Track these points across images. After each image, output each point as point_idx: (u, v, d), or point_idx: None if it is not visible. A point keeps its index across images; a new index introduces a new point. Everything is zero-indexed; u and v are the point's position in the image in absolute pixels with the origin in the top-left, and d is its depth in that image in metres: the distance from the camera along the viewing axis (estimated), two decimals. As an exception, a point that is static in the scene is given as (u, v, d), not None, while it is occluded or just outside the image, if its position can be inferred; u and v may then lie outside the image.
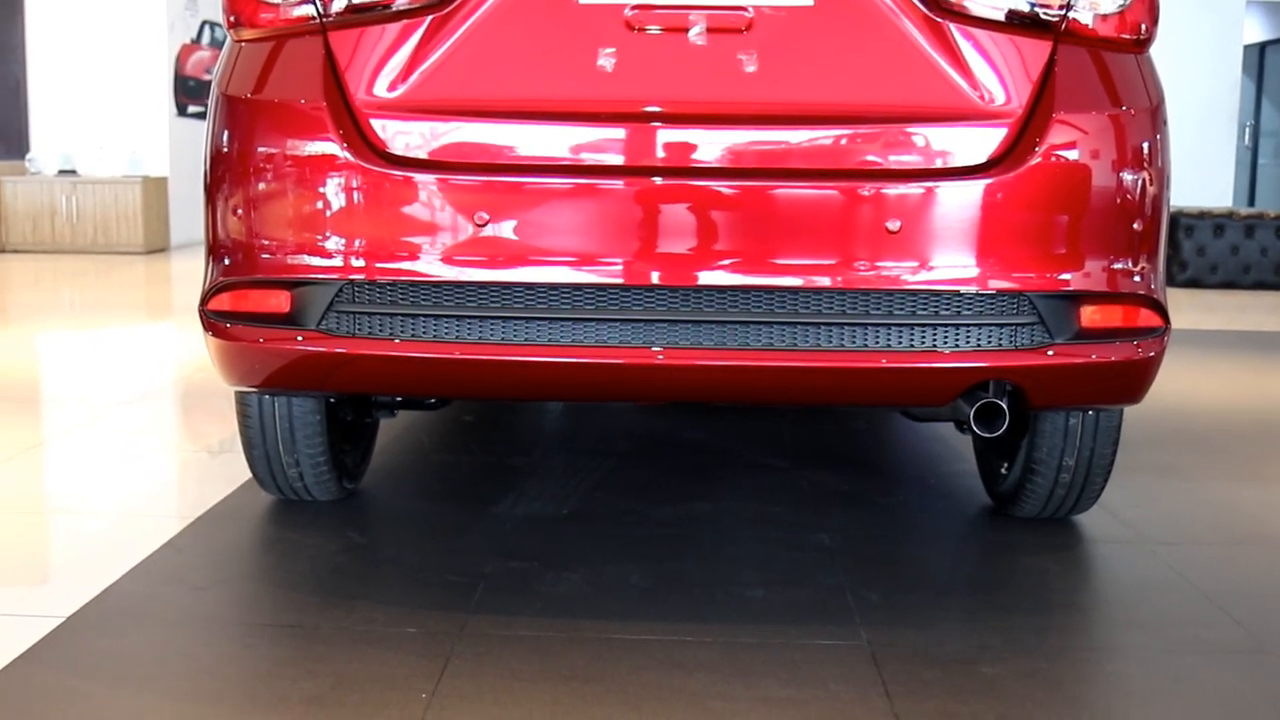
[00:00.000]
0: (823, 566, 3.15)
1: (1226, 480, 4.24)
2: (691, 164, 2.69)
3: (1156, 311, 2.80)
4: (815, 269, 2.64)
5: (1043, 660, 2.61)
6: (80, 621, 2.70)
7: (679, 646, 2.62)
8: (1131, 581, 3.21)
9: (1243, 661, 2.65)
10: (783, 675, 2.50)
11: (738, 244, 2.65)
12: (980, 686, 2.46)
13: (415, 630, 2.66)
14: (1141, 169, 2.77)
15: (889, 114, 2.73)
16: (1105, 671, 2.63)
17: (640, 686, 2.42)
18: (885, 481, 4.03)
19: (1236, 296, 10.08)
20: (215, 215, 2.79)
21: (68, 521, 3.54)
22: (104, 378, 5.82)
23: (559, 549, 3.22)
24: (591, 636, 2.65)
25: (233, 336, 2.77)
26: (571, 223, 2.66)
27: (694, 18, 2.68)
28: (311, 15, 2.72)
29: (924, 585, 3.10)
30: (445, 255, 2.64)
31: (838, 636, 2.69)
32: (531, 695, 2.37)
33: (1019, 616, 2.87)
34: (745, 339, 2.65)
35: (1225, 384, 6.33)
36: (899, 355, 2.65)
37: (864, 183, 2.66)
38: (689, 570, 3.11)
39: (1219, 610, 2.93)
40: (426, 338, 2.64)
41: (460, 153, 2.71)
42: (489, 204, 2.63)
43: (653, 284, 2.63)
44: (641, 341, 2.65)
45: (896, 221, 2.62)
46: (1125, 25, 2.78)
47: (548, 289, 2.65)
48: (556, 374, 2.71)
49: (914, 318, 2.66)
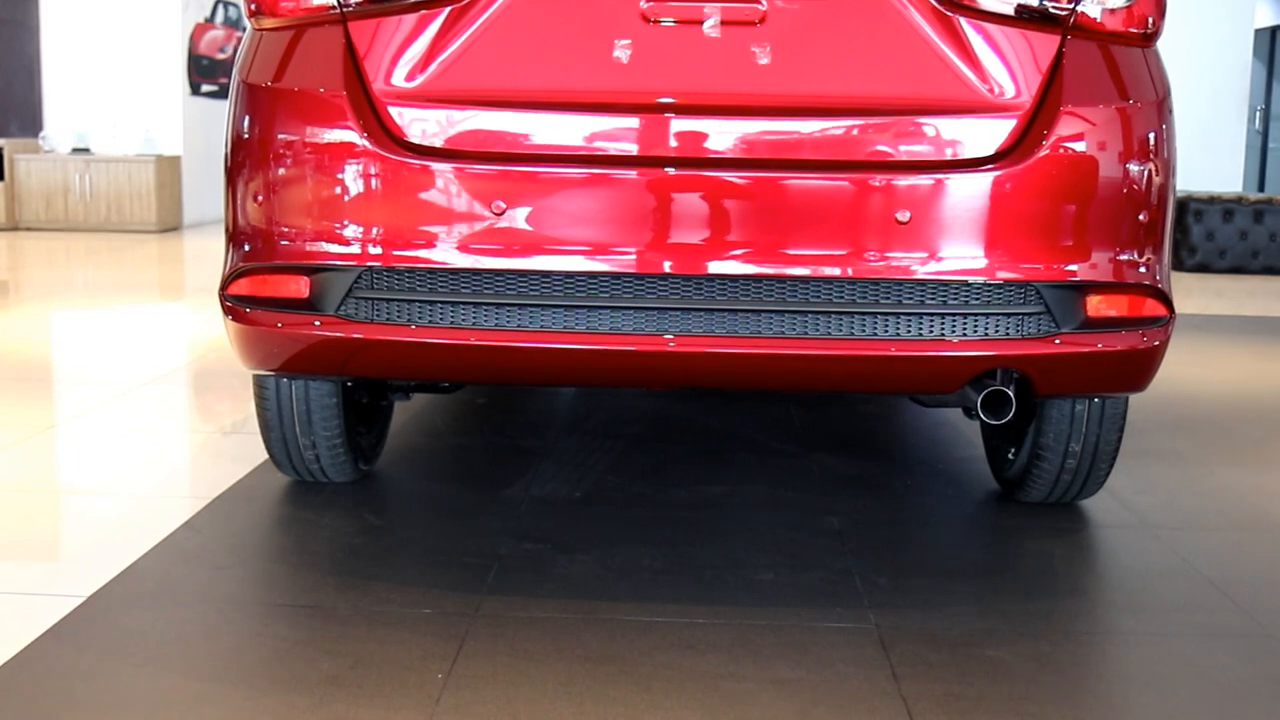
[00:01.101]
0: (832, 550, 3.18)
1: (1232, 466, 4.26)
2: (705, 155, 2.72)
3: (1161, 301, 2.82)
4: (825, 259, 2.66)
5: (1047, 644, 2.64)
6: (101, 601, 2.73)
7: (690, 628, 2.65)
8: (1136, 566, 3.24)
9: (1245, 646, 2.68)
10: (792, 657, 2.53)
11: (749, 234, 2.67)
12: (986, 669, 2.49)
13: (431, 611, 2.70)
14: (1148, 161, 2.79)
15: (898, 106, 2.75)
16: (1109, 655, 2.66)
17: (652, 667, 2.45)
18: (894, 466, 4.06)
19: (1245, 281, 10.09)
20: (235, 201, 2.81)
21: (85, 502, 3.58)
22: (118, 358, 5.86)
23: (572, 531, 3.26)
24: (605, 618, 2.69)
25: (252, 321, 2.81)
26: (587, 212, 2.68)
27: (709, 10, 2.70)
28: (332, 4, 2.75)
29: (932, 569, 3.12)
30: (462, 243, 2.67)
31: (847, 619, 2.72)
32: (545, 675, 2.41)
33: (1025, 600, 2.90)
34: (757, 327, 2.67)
35: (1231, 370, 6.32)
36: (907, 344, 2.68)
37: (874, 174, 2.69)
38: (700, 553, 3.14)
39: (1223, 595, 2.95)
40: (443, 324, 2.67)
41: (478, 141, 2.73)
42: (506, 193, 2.66)
43: (666, 272, 2.66)
44: (654, 329, 2.67)
45: (906, 212, 2.65)
46: (1133, 19, 2.80)
47: (563, 277, 2.68)
48: (571, 360, 2.74)
49: (922, 307, 2.68)
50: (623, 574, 2.96)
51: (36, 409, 4.61)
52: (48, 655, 2.45)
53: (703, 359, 2.72)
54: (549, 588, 2.86)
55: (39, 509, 3.45)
